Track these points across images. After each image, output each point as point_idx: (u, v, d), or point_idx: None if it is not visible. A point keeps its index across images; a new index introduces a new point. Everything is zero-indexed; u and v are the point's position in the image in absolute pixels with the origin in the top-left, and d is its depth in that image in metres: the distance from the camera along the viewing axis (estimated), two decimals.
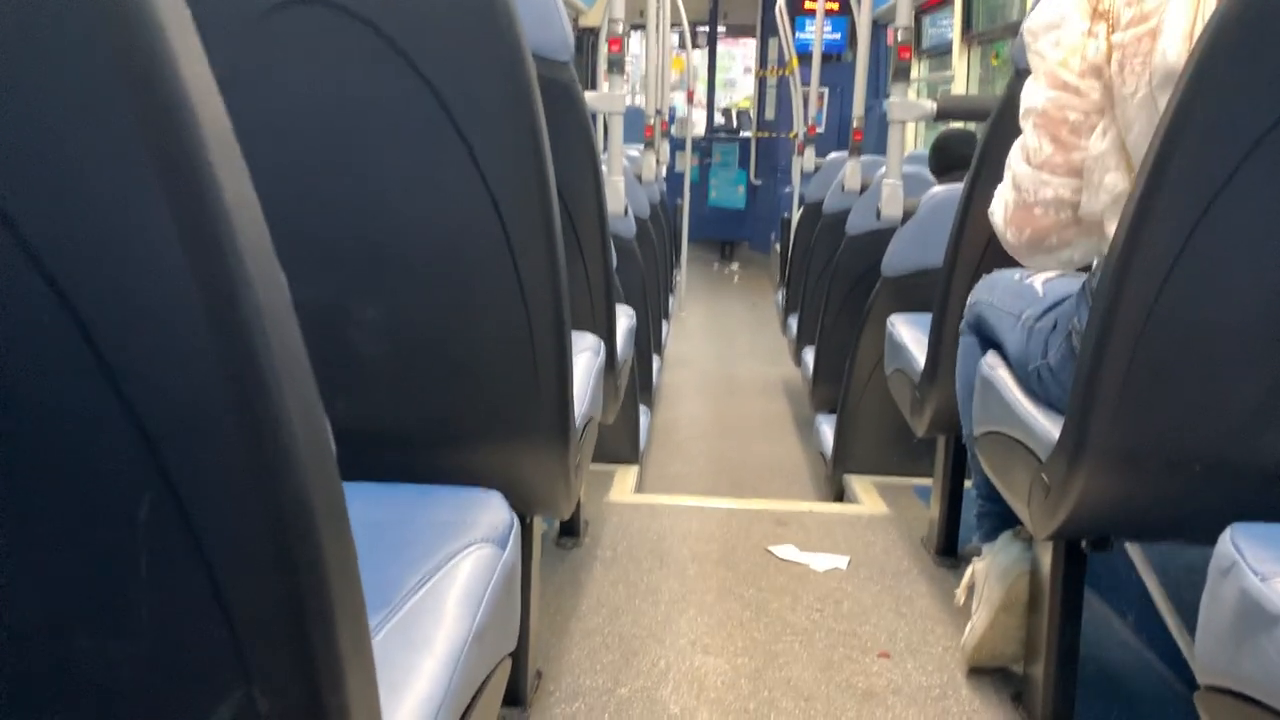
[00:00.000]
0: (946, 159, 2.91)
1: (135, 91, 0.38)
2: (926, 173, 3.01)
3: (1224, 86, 1.02)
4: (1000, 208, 1.42)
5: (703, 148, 9.03)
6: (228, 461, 0.45)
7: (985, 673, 1.64)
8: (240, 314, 0.42)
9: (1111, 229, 1.26)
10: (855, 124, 3.41)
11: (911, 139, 5.86)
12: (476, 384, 1.20)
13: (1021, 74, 1.72)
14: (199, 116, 0.39)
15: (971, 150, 2.24)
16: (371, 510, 0.94)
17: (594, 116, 2.89)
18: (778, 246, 6.08)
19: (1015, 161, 1.37)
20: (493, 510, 0.95)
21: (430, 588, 0.80)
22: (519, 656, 1.40)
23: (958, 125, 3.35)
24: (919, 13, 6.06)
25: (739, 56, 9.83)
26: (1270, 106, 1.00)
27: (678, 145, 7.78)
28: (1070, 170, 1.30)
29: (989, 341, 1.61)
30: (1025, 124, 1.34)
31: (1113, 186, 1.25)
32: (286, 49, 1.08)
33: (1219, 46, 1.00)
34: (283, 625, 0.49)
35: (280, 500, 0.46)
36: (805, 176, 5.05)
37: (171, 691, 0.49)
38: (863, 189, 3.04)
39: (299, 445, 0.45)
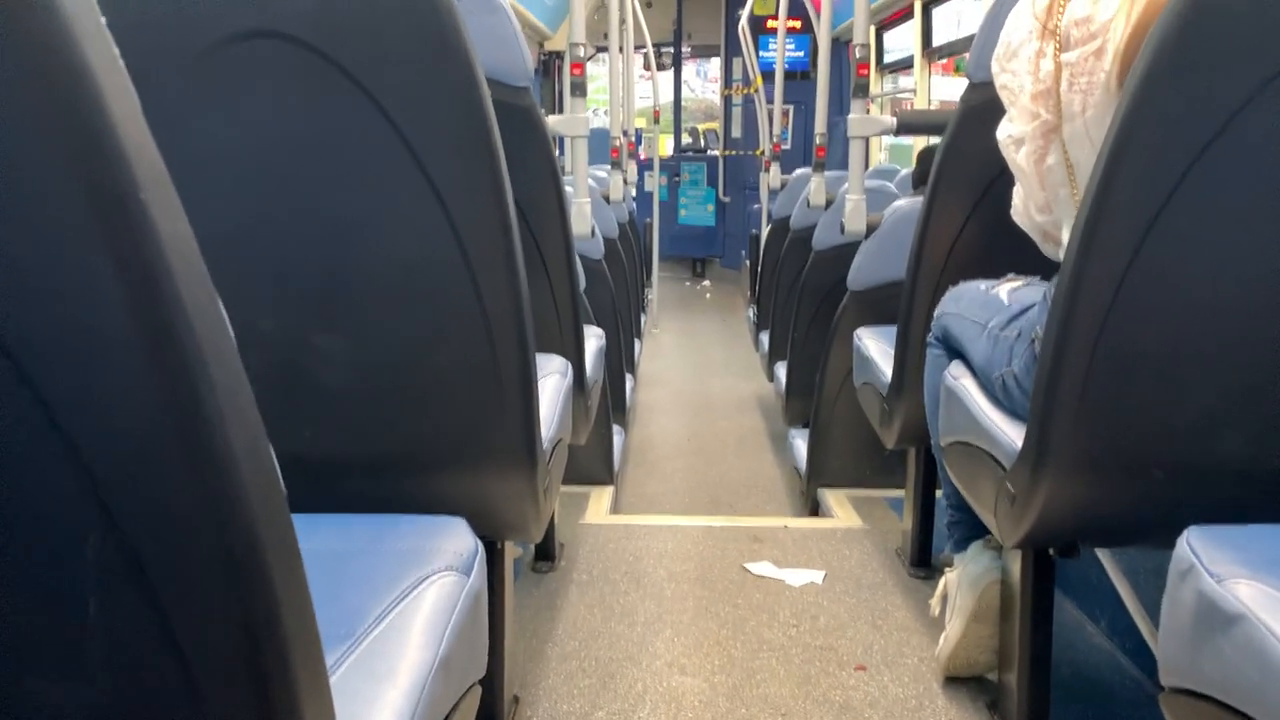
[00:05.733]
0: (928, 172, 2.93)
1: (63, 132, 0.38)
2: (890, 187, 3.04)
3: (1167, 99, 1.04)
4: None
5: (671, 167, 9.08)
6: (173, 500, 0.45)
7: (961, 682, 1.64)
8: (180, 351, 0.42)
9: (1068, 238, 1.29)
10: (818, 140, 3.43)
11: (876, 154, 5.91)
12: (441, 410, 1.19)
13: (976, 86, 1.75)
14: (129, 155, 0.39)
15: None
16: (334, 541, 0.93)
17: (559, 140, 2.91)
18: (748, 263, 6.11)
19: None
20: (457, 537, 0.95)
21: (393, 618, 0.80)
22: (492, 683, 1.39)
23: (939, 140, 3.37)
24: (880, 28, 6.12)
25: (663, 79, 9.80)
26: (1212, 118, 1.02)
27: (645, 166, 7.82)
28: (1044, 206, 1.35)
29: (956, 352, 1.63)
30: (1006, 155, 1.38)
31: (1066, 200, 1.29)
32: (241, 81, 1.08)
33: (1161, 60, 1.02)
34: (236, 662, 0.48)
35: (228, 537, 0.46)
36: (773, 193, 5.09)
37: None
38: (828, 204, 3.06)
39: (245, 481, 0.45)
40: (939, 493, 2.03)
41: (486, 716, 1.44)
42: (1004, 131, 1.37)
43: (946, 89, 5.33)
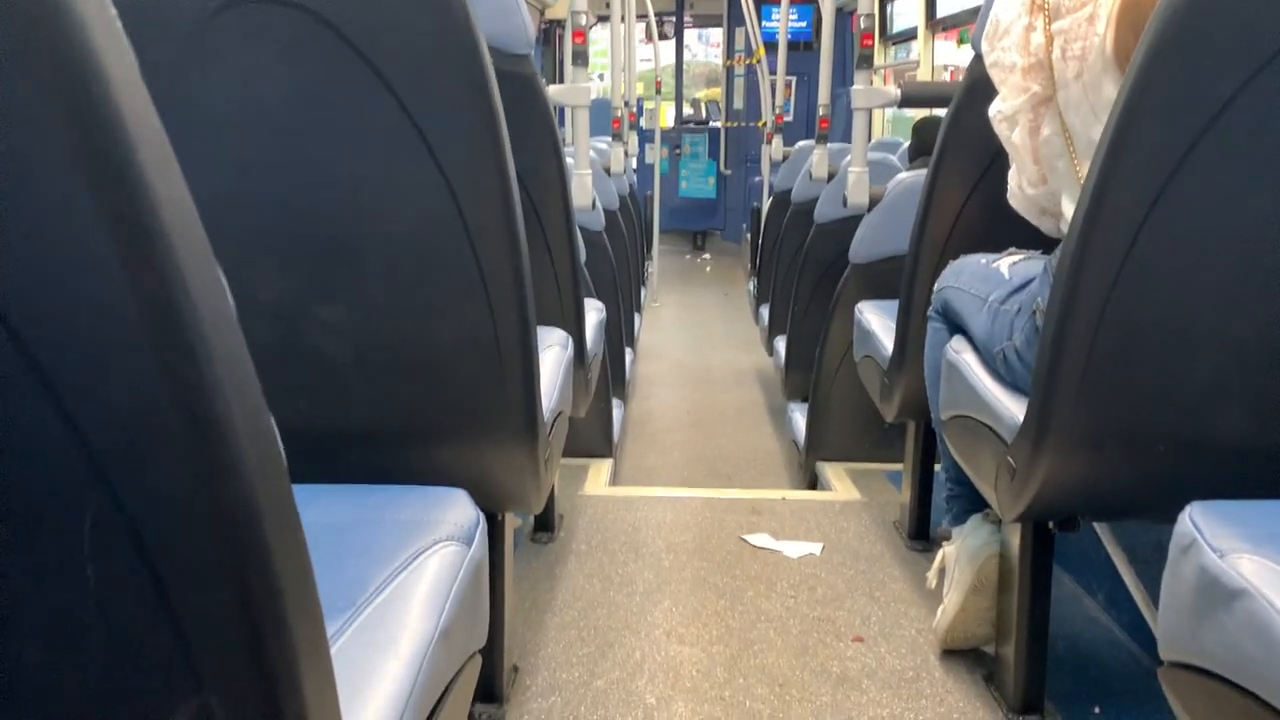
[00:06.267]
0: (925, 144, 2.92)
1: (59, 94, 0.38)
2: (892, 159, 3.02)
3: (1172, 74, 1.02)
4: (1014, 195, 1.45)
5: (672, 139, 9.02)
6: (172, 468, 0.44)
7: (958, 654, 1.65)
8: (178, 319, 0.41)
9: (1069, 209, 1.28)
10: (821, 112, 3.41)
11: (879, 126, 5.88)
12: (441, 381, 1.19)
13: (981, 58, 1.74)
14: (126, 119, 0.39)
15: None
16: (335, 512, 0.93)
17: (560, 110, 2.88)
18: (749, 236, 6.09)
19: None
20: (458, 508, 0.95)
21: (394, 588, 0.80)
22: (493, 653, 1.40)
23: (940, 111, 3.35)
24: None
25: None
26: (1218, 92, 1.01)
27: (646, 137, 7.78)
28: (1038, 180, 1.35)
29: (956, 326, 1.62)
30: (999, 133, 1.38)
31: (1066, 171, 1.28)
32: (240, 47, 1.07)
33: (1166, 34, 1.01)
34: (235, 631, 0.48)
35: (227, 506, 0.45)
36: (774, 165, 5.06)
37: (125, 702, 0.49)
38: (830, 177, 3.04)
39: (244, 450, 0.45)
40: (937, 466, 2.04)
41: (486, 686, 1.45)
42: (995, 109, 1.37)
43: (956, 56, 5.28)
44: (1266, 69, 1.00)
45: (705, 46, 10.01)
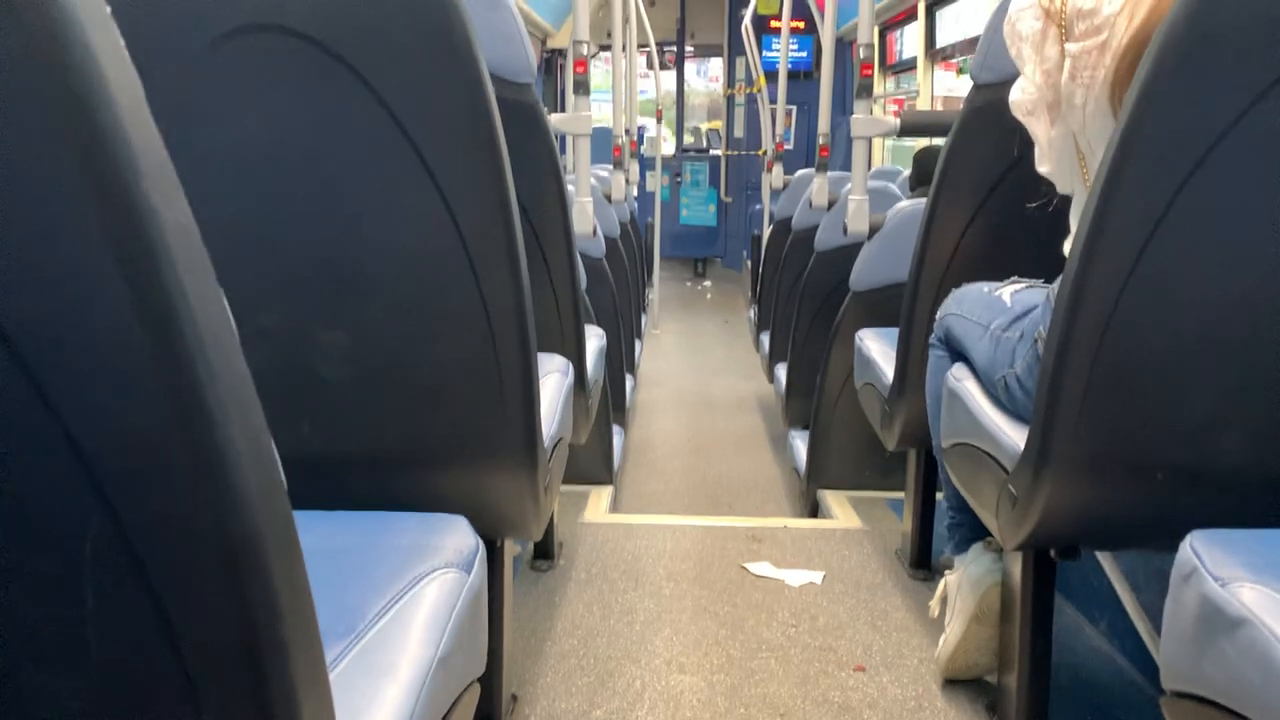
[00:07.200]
0: (926, 173, 2.93)
1: (67, 121, 0.38)
2: (892, 187, 3.03)
3: (1174, 99, 1.03)
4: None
5: (673, 167, 9.08)
6: (173, 492, 0.44)
7: (960, 684, 1.64)
8: (181, 343, 0.42)
9: (1074, 216, 1.29)
10: (821, 140, 3.43)
11: (879, 155, 5.91)
12: (442, 407, 1.19)
13: (981, 88, 1.75)
14: (133, 146, 0.39)
15: None
16: (335, 538, 0.93)
17: (561, 138, 2.90)
18: (750, 263, 6.11)
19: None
20: (458, 535, 0.94)
21: (394, 614, 0.80)
22: (491, 681, 1.39)
23: (940, 141, 3.36)
24: (885, 29, 6.12)
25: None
26: (1219, 118, 1.02)
27: (648, 165, 7.82)
28: (1043, 159, 1.36)
29: (958, 354, 1.62)
30: (1018, 116, 1.38)
31: (1077, 181, 1.29)
32: (246, 75, 1.08)
33: (1168, 59, 1.02)
34: (234, 656, 0.48)
35: (228, 530, 0.46)
36: (775, 193, 5.08)
37: None
38: (830, 205, 3.06)
39: (246, 475, 0.45)
40: (939, 494, 2.03)
41: (485, 714, 1.44)
42: (1014, 97, 1.36)
43: (958, 85, 5.31)
44: (1263, 100, 1.01)
45: (704, 81, 10.10)
